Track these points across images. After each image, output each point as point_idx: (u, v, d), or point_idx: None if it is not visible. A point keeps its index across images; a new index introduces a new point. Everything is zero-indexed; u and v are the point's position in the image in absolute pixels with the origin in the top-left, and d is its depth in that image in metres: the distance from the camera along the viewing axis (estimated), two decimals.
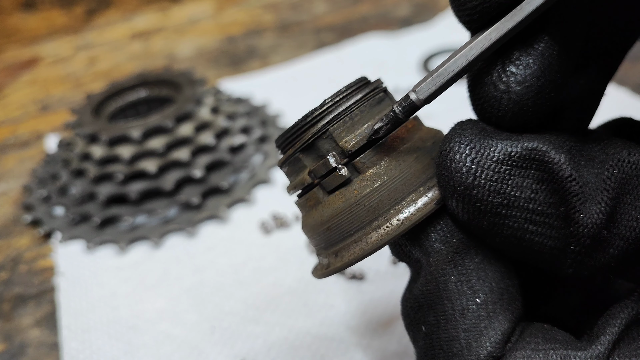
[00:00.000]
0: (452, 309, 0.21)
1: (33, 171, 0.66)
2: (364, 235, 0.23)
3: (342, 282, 0.45)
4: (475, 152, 0.21)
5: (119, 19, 1.12)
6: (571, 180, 0.20)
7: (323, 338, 0.40)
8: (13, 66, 1.00)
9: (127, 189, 0.55)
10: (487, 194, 0.20)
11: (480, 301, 0.21)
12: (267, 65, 0.85)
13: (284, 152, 0.25)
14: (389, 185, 0.22)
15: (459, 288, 0.21)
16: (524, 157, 0.21)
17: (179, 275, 0.48)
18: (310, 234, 0.25)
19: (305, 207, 0.25)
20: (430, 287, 0.22)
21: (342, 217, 0.23)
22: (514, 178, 0.21)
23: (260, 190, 0.58)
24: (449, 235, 0.22)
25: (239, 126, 0.63)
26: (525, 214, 0.21)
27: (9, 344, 0.45)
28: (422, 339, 0.22)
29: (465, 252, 0.22)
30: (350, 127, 0.24)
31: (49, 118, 0.81)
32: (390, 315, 0.41)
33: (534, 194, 0.20)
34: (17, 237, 0.57)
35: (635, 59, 0.71)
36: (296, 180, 0.25)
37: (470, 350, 0.20)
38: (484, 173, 0.20)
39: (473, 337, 0.21)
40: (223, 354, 0.40)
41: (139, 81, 0.66)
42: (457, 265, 0.21)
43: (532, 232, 0.21)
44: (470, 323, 0.21)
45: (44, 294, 0.49)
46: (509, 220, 0.21)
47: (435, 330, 0.21)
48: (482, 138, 0.21)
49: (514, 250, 0.22)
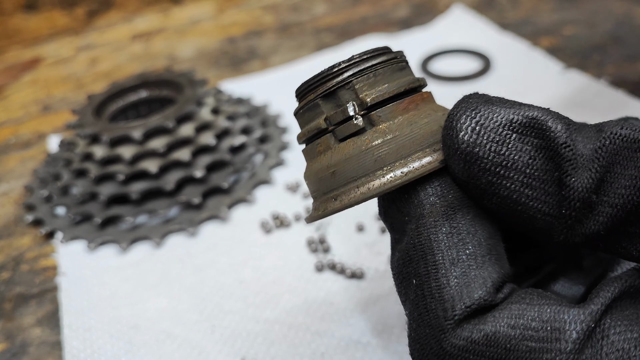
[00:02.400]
0: (442, 259, 0.22)
1: (34, 171, 0.66)
2: (367, 181, 0.24)
3: (342, 281, 0.45)
4: (479, 115, 0.22)
5: (120, 20, 1.12)
6: (565, 147, 0.22)
7: (323, 336, 0.41)
8: (14, 67, 1.00)
9: (128, 189, 0.56)
10: (488, 152, 0.22)
11: (470, 252, 0.22)
12: (268, 65, 0.86)
13: (302, 98, 0.27)
14: (399, 141, 0.24)
15: (450, 240, 0.22)
16: (524, 125, 0.22)
17: (179, 274, 0.49)
18: (313, 179, 0.26)
19: (313, 153, 0.26)
20: (421, 239, 0.23)
21: (349, 163, 0.24)
22: (514, 142, 0.22)
23: (261, 190, 0.58)
24: (446, 192, 0.23)
25: (239, 126, 0.63)
26: (522, 177, 0.22)
27: (10, 343, 0.45)
28: (414, 292, 0.23)
29: (459, 208, 0.23)
30: (372, 84, 0.25)
31: (50, 118, 0.81)
32: (390, 313, 0.41)
33: (531, 160, 0.22)
34: (19, 237, 0.57)
35: (632, 59, 0.71)
36: (310, 125, 0.26)
37: (462, 295, 0.22)
38: (486, 134, 0.22)
39: (464, 283, 0.22)
40: (224, 352, 0.41)
41: (140, 82, 0.66)
42: (450, 218, 0.23)
43: (528, 197, 0.22)
44: (460, 271, 0.22)
45: (45, 294, 0.50)
46: (506, 181, 0.22)
47: (426, 280, 0.22)
48: (487, 105, 0.23)
49: (508, 213, 0.23)
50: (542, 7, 0.89)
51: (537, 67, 0.72)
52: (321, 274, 0.46)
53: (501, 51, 0.76)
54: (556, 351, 0.20)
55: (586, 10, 0.86)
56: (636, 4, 0.85)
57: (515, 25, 0.84)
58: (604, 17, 0.83)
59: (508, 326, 0.21)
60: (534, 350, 0.20)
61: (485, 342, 0.21)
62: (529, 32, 0.81)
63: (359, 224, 0.50)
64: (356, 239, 0.49)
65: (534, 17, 0.86)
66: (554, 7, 0.88)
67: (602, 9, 0.85)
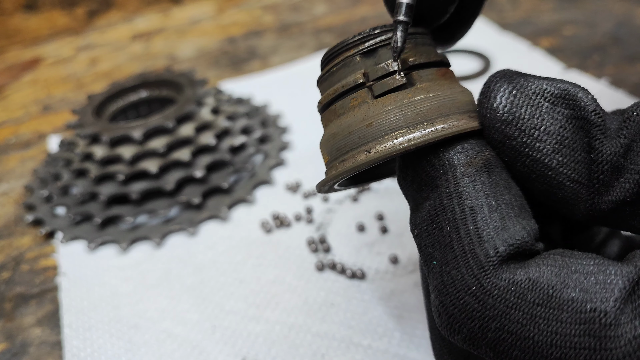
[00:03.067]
0: (481, 205, 0.23)
1: (34, 171, 0.66)
2: (408, 133, 0.24)
3: (343, 281, 0.45)
4: (515, 82, 0.24)
5: (120, 20, 1.12)
6: (595, 114, 0.23)
7: (323, 337, 0.41)
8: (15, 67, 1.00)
9: (128, 189, 0.56)
10: (523, 114, 0.23)
11: (508, 202, 0.23)
12: (268, 65, 0.86)
13: (336, 57, 0.27)
14: (440, 100, 0.25)
15: (489, 189, 0.23)
16: (556, 95, 0.24)
17: (179, 274, 0.49)
18: (341, 136, 0.26)
19: (344, 109, 0.26)
20: (459, 187, 0.23)
21: (389, 115, 0.24)
22: (547, 110, 0.24)
23: (261, 190, 0.58)
24: (483, 149, 0.24)
25: (239, 126, 0.63)
26: (554, 142, 0.23)
27: (10, 342, 0.45)
28: (447, 237, 0.23)
29: (494, 166, 0.24)
30: (412, 48, 0.26)
31: (50, 118, 0.81)
32: (391, 314, 0.41)
33: (562, 128, 0.23)
34: (19, 237, 0.57)
35: (632, 59, 0.71)
36: (345, 81, 0.26)
37: (504, 236, 0.22)
38: (522, 99, 0.24)
39: (503, 227, 0.22)
40: (224, 352, 0.41)
41: (140, 82, 0.66)
42: (488, 171, 0.23)
43: (558, 162, 0.23)
44: (499, 217, 0.22)
45: (46, 293, 0.50)
46: (539, 144, 0.23)
47: (463, 225, 0.23)
48: (521, 76, 0.24)
49: (538, 178, 0.24)
50: (542, 7, 0.89)
51: (537, 67, 0.72)
52: (321, 273, 0.46)
53: (501, 51, 0.76)
54: (600, 300, 0.20)
55: (586, 11, 0.86)
56: (636, 5, 0.85)
57: (515, 25, 0.84)
58: (604, 17, 0.83)
59: (552, 273, 0.21)
60: (576, 300, 0.20)
61: (529, 285, 0.21)
62: (529, 32, 0.81)
63: (359, 224, 0.50)
64: (356, 239, 0.49)
65: (534, 17, 0.86)
66: (554, 7, 0.88)
67: (602, 9, 0.85)
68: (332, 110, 0.27)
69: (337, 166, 0.26)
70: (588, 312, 0.20)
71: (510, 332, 0.21)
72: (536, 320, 0.20)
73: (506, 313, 0.21)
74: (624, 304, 0.20)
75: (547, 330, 0.20)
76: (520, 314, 0.21)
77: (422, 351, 0.38)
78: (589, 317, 0.20)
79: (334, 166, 0.26)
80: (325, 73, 0.27)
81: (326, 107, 0.28)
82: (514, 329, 0.21)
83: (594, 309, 0.20)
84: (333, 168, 0.26)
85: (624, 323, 0.19)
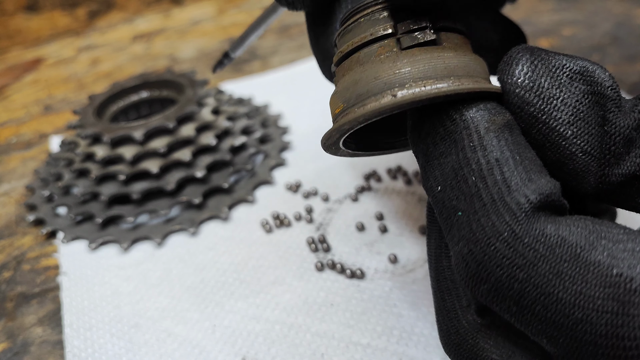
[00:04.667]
0: (506, 158, 0.23)
1: (36, 171, 0.66)
2: (436, 82, 0.24)
3: (342, 280, 0.45)
4: (537, 55, 0.25)
5: (121, 21, 1.12)
6: (612, 89, 0.24)
7: (323, 336, 0.41)
8: (16, 67, 1.00)
9: (129, 189, 0.56)
10: (543, 83, 0.24)
11: (531, 158, 0.23)
12: (268, 66, 0.86)
13: (366, 8, 0.27)
14: (465, 60, 0.26)
15: (512, 145, 0.23)
16: (575, 71, 0.25)
17: (180, 274, 0.49)
18: (367, 80, 0.26)
19: (368, 57, 0.26)
20: (483, 141, 0.23)
21: (419, 64, 0.25)
22: (565, 83, 0.25)
23: (261, 190, 0.58)
24: (503, 111, 0.25)
25: (240, 127, 0.64)
26: (570, 115, 0.24)
27: (12, 342, 0.45)
28: (472, 187, 0.23)
29: (514, 127, 0.24)
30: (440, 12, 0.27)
31: (51, 119, 0.82)
32: (390, 313, 0.42)
33: (579, 102, 0.24)
34: (20, 237, 0.58)
35: (631, 59, 0.71)
36: (373, 29, 0.26)
37: (533, 187, 0.22)
38: (542, 70, 0.25)
39: (530, 179, 0.22)
40: (224, 352, 0.41)
41: (140, 82, 0.67)
42: (510, 130, 0.24)
43: (573, 133, 0.24)
44: (525, 170, 0.23)
45: (47, 293, 0.50)
46: (557, 113, 0.24)
47: (489, 174, 0.23)
48: (543, 51, 0.25)
49: (552, 147, 0.24)
50: (541, 8, 0.89)
51: None
52: (321, 273, 0.46)
53: None
54: (628, 266, 0.20)
55: (585, 11, 0.86)
56: (635, 5, 0.85)
57: None
58: (603, 17, 0.83)
59: (581, 235, 0.21)
60: (603, 263, 0.20)
61: (558, 240, 0.21)
62: (528, 32, 0.81)
63: (359, 224, 0.50)
64: (356, 238, 0.50)
65: (533, 18, 0.86)
66: (553, 7, 0.89)
67: (601, 10, 0.85)
68: (354, 59, 0.27)
69: (356, 111, 0.25)
70: (614, 276, 0.20)
71: (536, 285, 0.21)
72: (562, 276, 0.20)
73: (534, 264, 0.21)
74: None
75: (571, 288, 0.20)
76: (548, 267, 0.21)
77: (421, 348, 0.38)
78: (615, 281, 0.20)
79: (351, 111, 0.26)
80: (350, 24, 0.27)
81: (347, 56, 0.27)
82: (540, 282, 0.21)
83: (620, 274, 0.20)
84: (350, 113, 0.26)
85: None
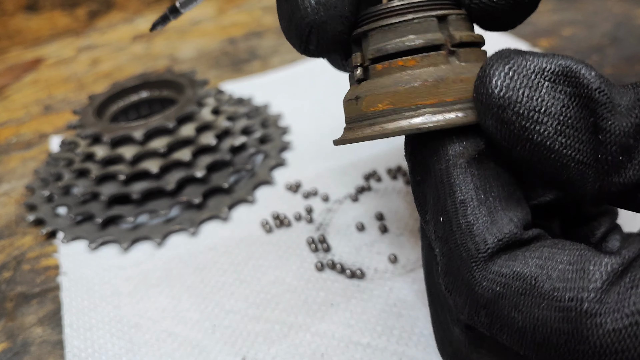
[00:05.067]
0: (470, 199, 0.24)
1: (35, 171, 0.66)
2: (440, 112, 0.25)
3: (342, 280, 0.45)
4: (512, 62, 0.23)
5: (121, 21, 1.12)
6: (600, 92, 0.22)
7: (323, 336, 0.41)
8: (16, 67, 1.00)
9: (129, 189, 0.56)
10: (521, 97, 0.22)
11: (495, 195, 0.24)
12: (268, 66, 0.86)
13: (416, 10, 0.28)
14: None
15: (478, 182, 0.24)
16: (557, 73, 0.23)
17: (180, 274, 0.49)
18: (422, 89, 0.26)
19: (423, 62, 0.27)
20: (450, 178, 0.24)
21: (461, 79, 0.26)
22: (547, 90, 0.22)
23: (261, 190, 0.58)
24: (477, 141, 0.25)
25: (240, 127, 0.64)
26: (556, 124, 0.22)
27: (12, 342, 0.45)
28: (442, 228, 0.24)
29: (485, 157, 0.24)
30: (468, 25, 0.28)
31: (51, 119, 0.82)
32: (390, 313, 0.42)
33: (564, 107, 0.22)
34: (20, 237, 0.58)
35: (631, 60, 0.71)
36: (428, 36, 0.27)
37: (492, 230, 0.23)
38: (519, 80, 0.23)
39: (492, 221, 0.23)
40: (224, 352, 0.41)
41: (140, 82, 0.67)
42: (478, 163, 0.24)
43: (561, 144, 0.22)
44: (487, 211, 0.23)
45: (47, 293, 0.50)
46: (540, 127, 0.22)
47: (454, 217, 0.24)
48: (519, 55, 0.23)
49: (541, 162, 0.23)
50: (541, 8, 0.89)
51: None
52: (321, 273, 0.46)
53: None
54: (578, 289, 0.20)
55: (585, 11, 0.86)
56: (635, 5, 0.85)
57: None
58: (603, 17, 0.83)
59: (536, 265, 0.22)
60: (557, 289, 0.21)
61: (514, 276, 0.22)
62: (528, 32, 0.81)
63: (359, 224, 0.51)
64: (356, 238, 0.50)
65: (533, 18, 0.86)
66: (553, 7, 0.89)
67: (601, 10, 0.85)
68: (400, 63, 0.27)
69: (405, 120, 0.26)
70: (567, 300, 0.20)
71: (499, 317, 0.22)
72: (520, 308, 0.22)
73: (494, 301, 0.22)
74: (605, 294, 0.20)
75: (529, 317, 0.21)
76: (506, 302, 0.22)
77: (421, 348, 0.38)
78: (567, 305, 0.20)
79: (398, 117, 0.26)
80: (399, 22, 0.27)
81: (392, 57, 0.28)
82: (500, 314, 0.22)
83: (571, 298, 0.20)
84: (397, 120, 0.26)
85: (604, 313, 0.19)
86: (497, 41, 0.79)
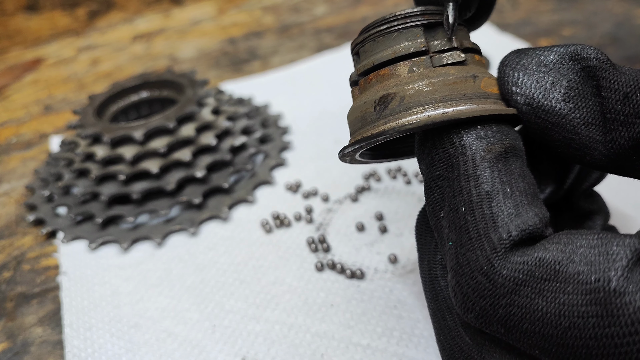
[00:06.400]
0: (496, 192, 0.24)
1: (36, 171, 0.66)
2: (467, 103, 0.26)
3: (342, 281, 0.45)
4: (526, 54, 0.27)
5: (121, 21, 1.12)
6: (597, 60, 0.26)
7: (323, 336, 0.41)
8: (16, 67, 1.00)
9: (129, 189, 0.56)
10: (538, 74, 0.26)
11: (521, 190, 0.24)
12: (268, 66, 0.86)
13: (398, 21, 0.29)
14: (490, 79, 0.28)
15: (504, 177, 0.24)
16: (563, 54, 0.27)
17: (180, 274, 0.49)
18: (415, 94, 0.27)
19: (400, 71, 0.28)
20: (477, 171, 0.25)
21: (449, 84, 0.27)
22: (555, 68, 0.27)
23: (261, 190, 0.58)
24: (504, 136, 0.26)
25: (240, 127, 0.64)
26: (563, 94, 0.26)
27: (12, 342, 0.45)
28: (463, 218, 0.24)
29: (512, 154, 0.25)
30: (464, 34, 0.29)
31: (51, 119, 0.82)
32: (390, 314, 0.42)
33: (571, 81, 0.26)
34: (20, 237, 0.58)
35: (631, 60, 0.71)
36: (405, 45, 0.28)
37: (517, 222, 0.23)
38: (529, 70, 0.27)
39: (517, 213, 0.23)
40: (224, 352, 0.41)
41: (140, 82, 0.67)
42: (505, 159, 0.25)
43: (570, 109, 0.26)
44: (513, 204, 0.24)
45: (47, 293, 0.50)
46: (554, 94, 0.26)
47: (478, 208, 0.24)
48: (529, 50, 0.27)
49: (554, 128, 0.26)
50: (541, 8, 0.89)
51: None
52: (321, 273, 0.46)
53: (500, 52, 0.75)
54: (604, 270, 0.20)
55: (585, 11, 0.86)
56: (635, 5, 0.85)
57: (515, 25, 0.84)
58: (603, 18, 0.83)
59: (558, 250, 0.22)
60: (581, 272, 0.21)
61: (536, 262, 0.22)
62: (528, 32, 0.81)
63: (359, 224, 0.51)
64: (356, 238, 0.50)
65: (533, 18, 0.86)
66: (553, 7, 0.89)
67: (601, 10, 0.85)
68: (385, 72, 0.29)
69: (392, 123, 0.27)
70: (593, 282, 0.20)
71: (520, 305, 0.22)
72: (544, 293, 0.21)
73: (515, 290, 0.22)
74: (630, 272, 0.20)
75: (555, 301, 0.21)
76: (529, 289, 0.22)
77: (421, 349, 0.38)
78: (594, 287, 0.20)
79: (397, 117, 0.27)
80: (392, 30, 0.29)
81: (377, 68, 0.29)
82: (523, 302, 0.22)
83: (598, 279, 0.20)
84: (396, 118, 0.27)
85: (632, 292, 0.19)
86: (496, 42, 0.80)
